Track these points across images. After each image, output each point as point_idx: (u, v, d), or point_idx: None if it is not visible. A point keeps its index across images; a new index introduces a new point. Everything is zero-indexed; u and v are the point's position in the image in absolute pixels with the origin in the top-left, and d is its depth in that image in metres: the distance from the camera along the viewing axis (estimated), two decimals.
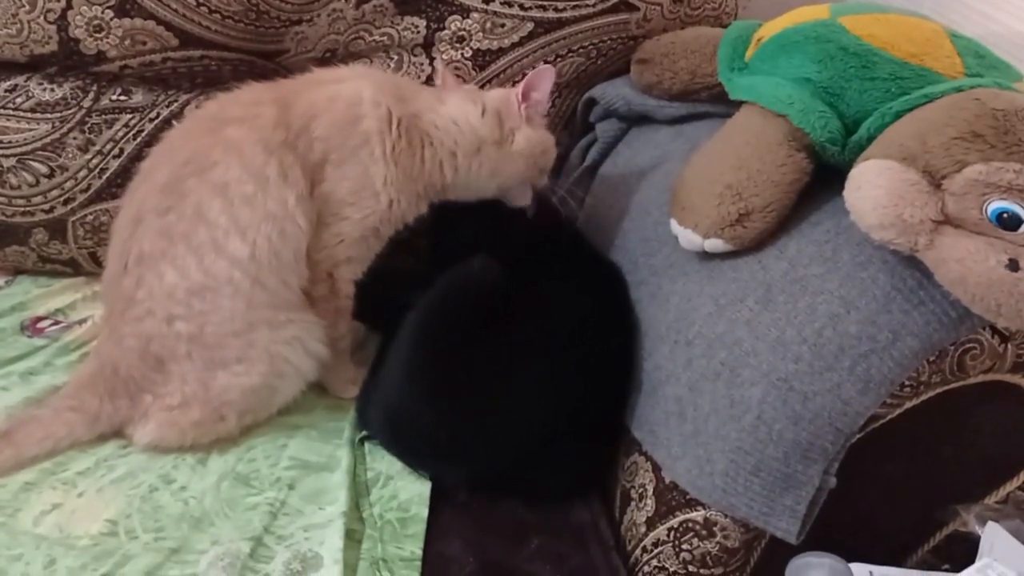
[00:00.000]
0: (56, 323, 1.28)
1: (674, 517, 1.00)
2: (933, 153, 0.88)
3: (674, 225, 1.06)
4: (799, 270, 0.97)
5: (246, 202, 1.04)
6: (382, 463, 1.10)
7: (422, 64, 1.36)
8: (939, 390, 0.92)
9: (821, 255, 0.97)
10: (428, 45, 1.36)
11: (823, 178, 1.02)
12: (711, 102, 1.26)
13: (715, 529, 0.98)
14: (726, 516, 0.97)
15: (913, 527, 1.02)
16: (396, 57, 1.36)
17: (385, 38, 1.35)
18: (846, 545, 0.91)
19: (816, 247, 0.98)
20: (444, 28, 1.35)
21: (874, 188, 0.89)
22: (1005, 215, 0.84)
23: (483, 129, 1.16)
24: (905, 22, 1.07)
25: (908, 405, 0.92)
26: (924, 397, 0.92)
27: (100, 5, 1.25)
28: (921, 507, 1.00)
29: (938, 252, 0.86)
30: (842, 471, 0.92)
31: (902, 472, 0.99)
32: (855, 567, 0.88)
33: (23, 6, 1.25)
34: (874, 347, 0.89)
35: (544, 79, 1.18)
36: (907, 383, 0.91)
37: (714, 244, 1.02)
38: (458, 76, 1.30)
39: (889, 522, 1.01)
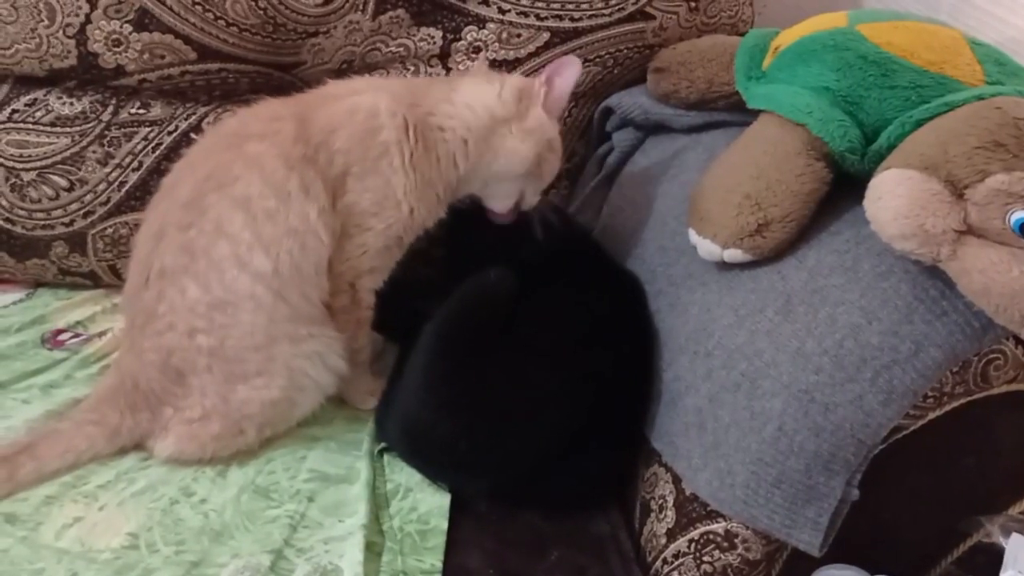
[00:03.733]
0: (76, 336, 1.29)
1: (695, 529, 1.00)
2: (955, 163, 0.87)
3: (693, 235, 1.06)
4: (819, 280, 0.96)
5: (268, 217, 1.04)
6: (401, 475, 1.10)
7: (438, 75, 1.36)
8: (962, 401, 0.92)
9: (841, 265, 0.96)
10: (444, 56, 1.36)
11: (843, 188, 1.01)
12: (728, 111, 1.26)
13: (736, 541, 0.97)
14: (747, 528, 0.97)
15: (936, 538, 1.02)
16: (412, 68, 1.36)
17: (401, 49, 1.35)
18: (868, 557, 0.90)
19: (836, 257, 0.97)
20: (460, 39, 1.35)
21: (895, 198, 0.88)
22: None
23: (499, 107, 1.14)
24: (924, 29, 1.07)
25: (931, 416, 0.92)
26: (947, 408, 0.92)
27: (119, 19, 1.26)
28: (944, 518, 0.99)
29: (961, 262, 0.86)
30: (864, 482, 0.91)
31: (925, 483, 0.98)
32: None
33: (42, 21, 1.25)
34: (896, 358, 0.89)
35: (570, 68, 1.16)
36: (930, 394, 0.90)
37: (733, 254, 1.02)
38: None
39: (912, 533, 1.00)
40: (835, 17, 1.12)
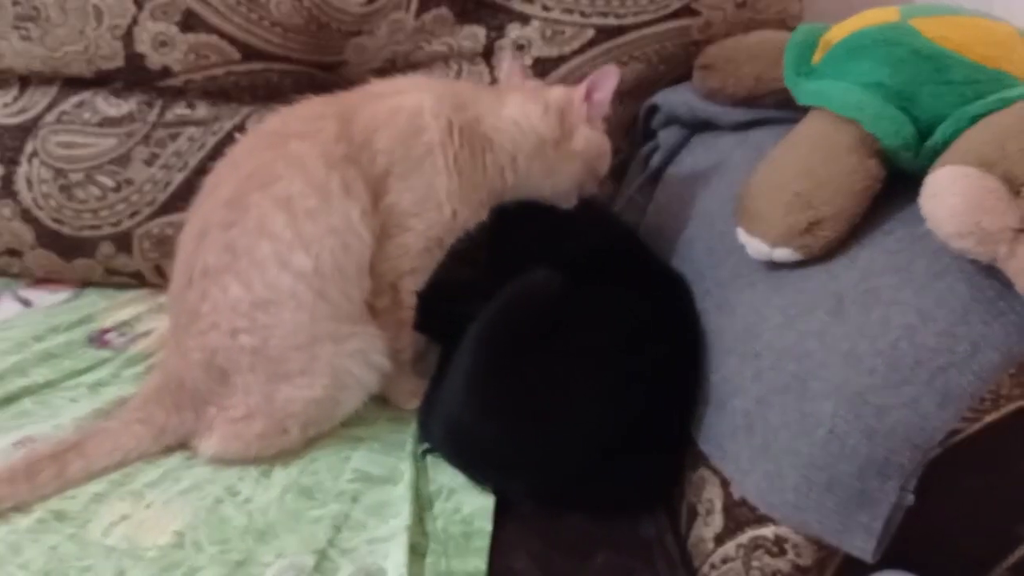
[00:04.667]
0: (122, 335, 1.30)
1: (743, 533, 0.98)
2: (1012, 159, 0.85)
3: (741, 234, 1.04)
4: (872, 280, 0.94)
5: (309, 216, 1.05)
6: (445, 476, 1.09)
7: (481, 73, 1.36)
8: (1020, 404, 0.89)
9: (895, 265, 0.94)
10: (488, 54, 1.36)
11: (896, 185, 0.99)
12: (777, 108, 1.23)
13: (786, 546, 0.95)
14: (798, 533, 0.94)
15: (992, 543, 0.99)
16: (455, 66, 1.36)
17: (445, 48, 1.35)
18: (922, 562, 0.88)
19: (889, 256, 0.95)
20: (504, 36, 1.35)
21: (951, 195, 0.86)
22: None
23: (544, 128, 1.16)
24: (978, 24, 1.04)
25: (988, 419, 0.89)
26: (1005, 411, 0.89)
27: (165, 21, 1.27)
28: (1000, 523, 0.96)
29: (1019, 261, 0.83)
30: (919, 486, 0.89)
31: (981, 487, 0.96)
32: None
33: (90, 23, 1.27)
34: (953, 360, 0.86)
35: (608, 79, 1.17)
36: (987, 396, 0.87)
37: (783, 253, 1.00)
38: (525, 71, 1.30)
39: (967, 538, 0.98)
40: (887, 12, 1.09)
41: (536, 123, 1.16)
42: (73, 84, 1.35)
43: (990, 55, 0.99)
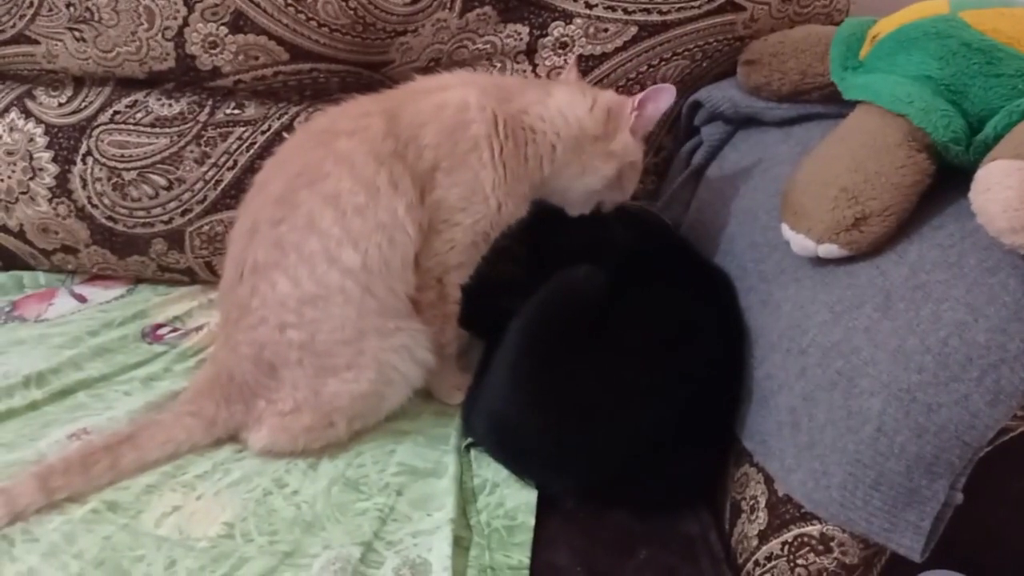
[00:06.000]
0: (174, 330, 1.33)
1: (788, 531, 0.97)
2: None
3: (785, 230, 1.03)
4: (921, 276, 0.93)
5: (357, 212, 1.06)
6: (488, 470, 1.10)
7: (525, 71, 1.36)
8: None
9: (945, 260, 0.93)
10: (531, 52, 1.36)
11: (946, 180, 0.98)
12: (822, 103, 1.22)
13: (832, 544, 0.94)
14: (844, 531, 0.94)
15: None
16: (499, 65, 1.36)
17: (488, 46, 1.35)
18: (972, 562, 0.87)
19: (939, 252, 0.94)
20: (547, 35, 1.35)
21: (1004, 190, 0.85)
22: None
23: (589, 122, 1.17)
24: None
25: None
26: None
27: (215, 22, 1.29)
28: None
29: None
30: (969, 486, 0.87)
31: None
32: None
33: (142, 24, 1.30)
34: (1004, 357, 0.85)
35: (664, 96, 1.18)
36: None
37: (829, 249, 0.99)
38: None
39: (1018, 538, 0.96)
40: (936, 4, 1.08)
41: (581, 116, 1.16)
42: (126, 84, 1.37)
43: None
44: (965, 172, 0.91)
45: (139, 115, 1.36)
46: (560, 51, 1.35)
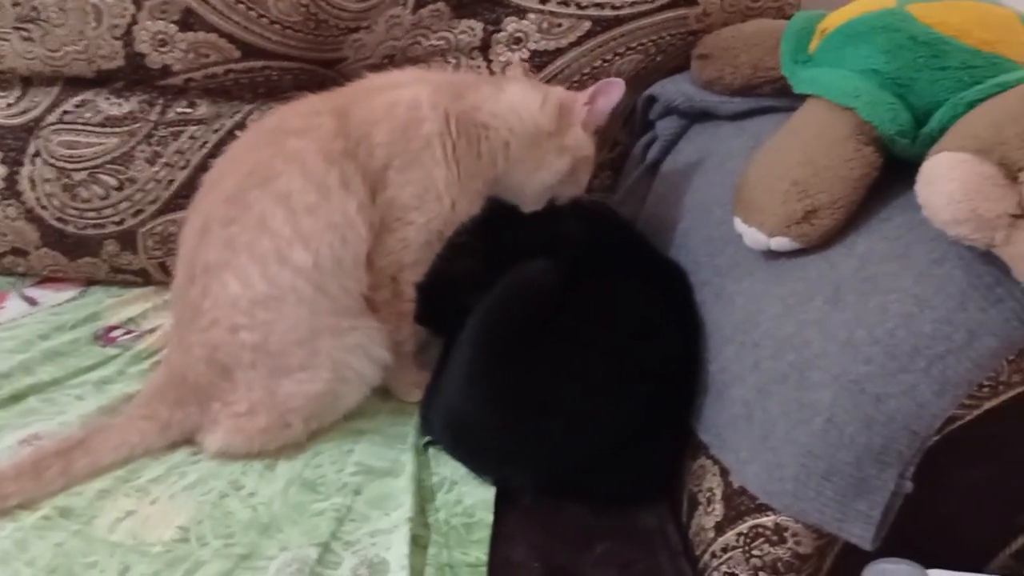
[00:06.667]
0: (128, 332, 1.31)
1: (743, 522, 0.98)
2: (1009, 144, 0.85)
3: (738, 224, 1.04)
4: (870, 268, 0.94)
5: (308, 212, 1.05)
6: (446, 468, 1.10)
7: (479, 67, 1.36)
8: (1019, 390, 0.89)
9: (893, 252, 0.94)
10: (485, 48, 1.35)
11: (893, 172, 0.99)
12: (774, 96, 1.23)
13: (786, 535, 0.95)
14: (798, 522, 0.94)
15: (994, 531, 0.99)
16: (453, 61, 1.36)
17: (442, 42, 1.35)
18: (923, 550, 0.88)
19: (887, 244, 0.95)
20: (501, 30, 1.34)
21: (948, 182, 0.86)
22: None
23: (541, 117, 1.17)
24: (976, 8, 1.03)
25: (987, 406, 0.89)
26: (1004, 397, 0.89)
27: (164, 20, 1.28)
28: (1002, 510, 0.97)
29: (1016, 248, 0.83)
30: (919, 475, 0.89)
31: (982, 474, 0.96)
32: (933, 573, 0.85)
33: (89, 23, 1.28)
34: (950, 347, 0.86)
35: (614, 89, 1.18)
36: (986, 383, 0.87)
37: (780, 242, 1.00)
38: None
39: (969, 526, 0.98)
40: None
41: (534, 111, 1.16)
42: (75, 84, 1.35)
43: (988, 39, 0.98)
44: (912, 165, 0.92)
45: (88, 115, 1.34)
46: (514, 47, 1.35)
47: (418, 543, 0.99)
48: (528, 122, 1.16)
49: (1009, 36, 0.99)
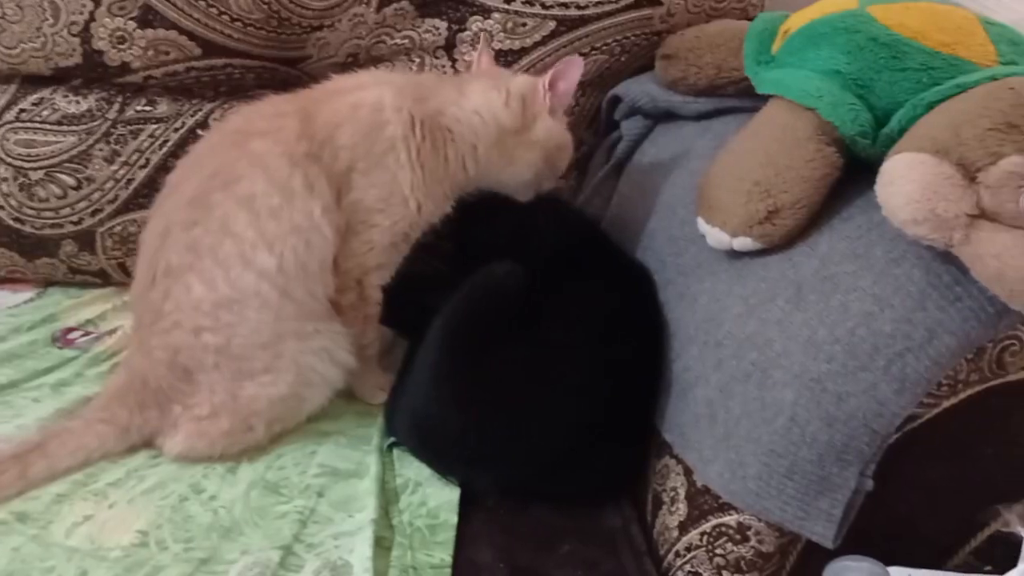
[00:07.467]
0: (87, 334, 1.29)
1: (707, 521, 0.99)
2: (967, 145, 0.86)
3: (701, 224, 1.04)
4: (831, 268, 0.95)
5: (272, 215, 1.04)
6: (411, 469, 1.09)
7: (444, 66, 1.35)
8: (978, 388, 0.90)
9: (853, 252, 0.95)
10: (450, 47, 1.35)
11: (854, 173, 1.00)
12: (738, 97, 1.24)
13: (749, 533, 0.96)
14: (760, 520, 0.95)
15: (954, 528, 1.00)
16: (418, 60, 1.36)
17: (407, 41, 1.34)
18: (884, 548, 0.88)
19: (848, 244, 0.96)
20: (465, 29, 1.34)
21: (907, 182, 0.87)
22: None
23: (505, 116, 1.15)
24: (936, 10, 1.05)
25: (946, 404, 0.90)
26: (963, 396, 0.90)
27: (122, 16, 1.26)
28: (962, 508, 0.97)
29: (974, 247, 0.84)
30: (879, 473, 0.89)
31: (941, 473, 0.97)
32: (894, 571, 0.86)
33: (46, 20, 1.26)
34: (910, 346, 0.87)
35: (573, 69, 1.16)
36: (944, 382, 0.89)
37: (743, 242, 1.01)
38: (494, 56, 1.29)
39: (929, 524, 0.99)
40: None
41: (498, 111, 1.15)
42: (32, 82, 1.33)
43: (947, 41, 0.99)
44: (872, 165, 0.92)
45: (45, 113, 1.32)
46: (487, 36, 1.34)
47: (382, 545, 0.98)
48: (492, 125, 1.15)
49: (967, 38, 1.00)
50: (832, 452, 0.89)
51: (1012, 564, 0.84)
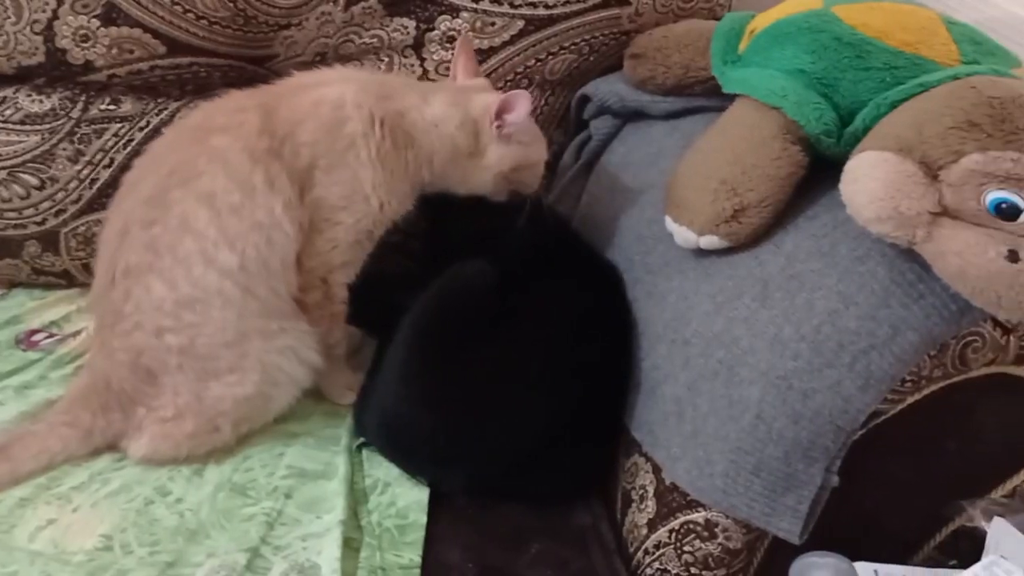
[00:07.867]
0: (51, 336, 1.27)
1: (675, 519, 0.99)
2: (930, 143, 0.87)
3: (669, 222, 1.05)
4: (796, 265, 0.95)
5: (233, 212, 1.03)
6: (380, 470, 1.09)
7: (412, 66, 1.34)
8: (941, 384, 0.91)
9: (818, 250, 0.95)
10: (418, 46, 1.34)
11: (819, 171, 1.00)
12: (706, 96, 1.24)
13: (717, 530, 0.96)
14: (728, 517, 0.96)
15: (918, 524, 1.01)
16: (386, 59, 1.35)
17: (375, 40, 1.34)
18: (850, 544, 0.89)
19: (813, 241, 0.96)
20: (434, 28, 1.33)
21: (870, 180, 0.87)
22: (1003, 205, 0.83)
23: (459, 137, 1.14)
24: (899, 10, 1.06)
25: (910, 400, 0.91)
26: (926, 392, 0.91)
27: (86, 14, 1.24)
28: (926, 503, 0.98)
29: (937, 245, 0.85)
30: (844, 469, 0.90)
31: (906, 469, 0.98)
32: (859, 566, 0.87)
33: (8, 17, 1.24)
34: (874, 342, 0.88)
35: (519, 103, 1.13)
36: (908, 378, 0.89)
37: (710, 241, 1.01)
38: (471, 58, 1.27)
39: (894, 519, 1.00)
40: None
41: (453, 131, 1.14)
42: None
43: (910, 41, 1.00)
44: (837, 164, 0.93)
45: (8, 112, 1.30)
46: (448, 45, 1.33)
47: (350, 546, 0.98)
48: (447, 142, 1.14)
49: (930, 38, 1.01)
50: (798, 449, 0.89)
51: (976, 558, 0.85)
